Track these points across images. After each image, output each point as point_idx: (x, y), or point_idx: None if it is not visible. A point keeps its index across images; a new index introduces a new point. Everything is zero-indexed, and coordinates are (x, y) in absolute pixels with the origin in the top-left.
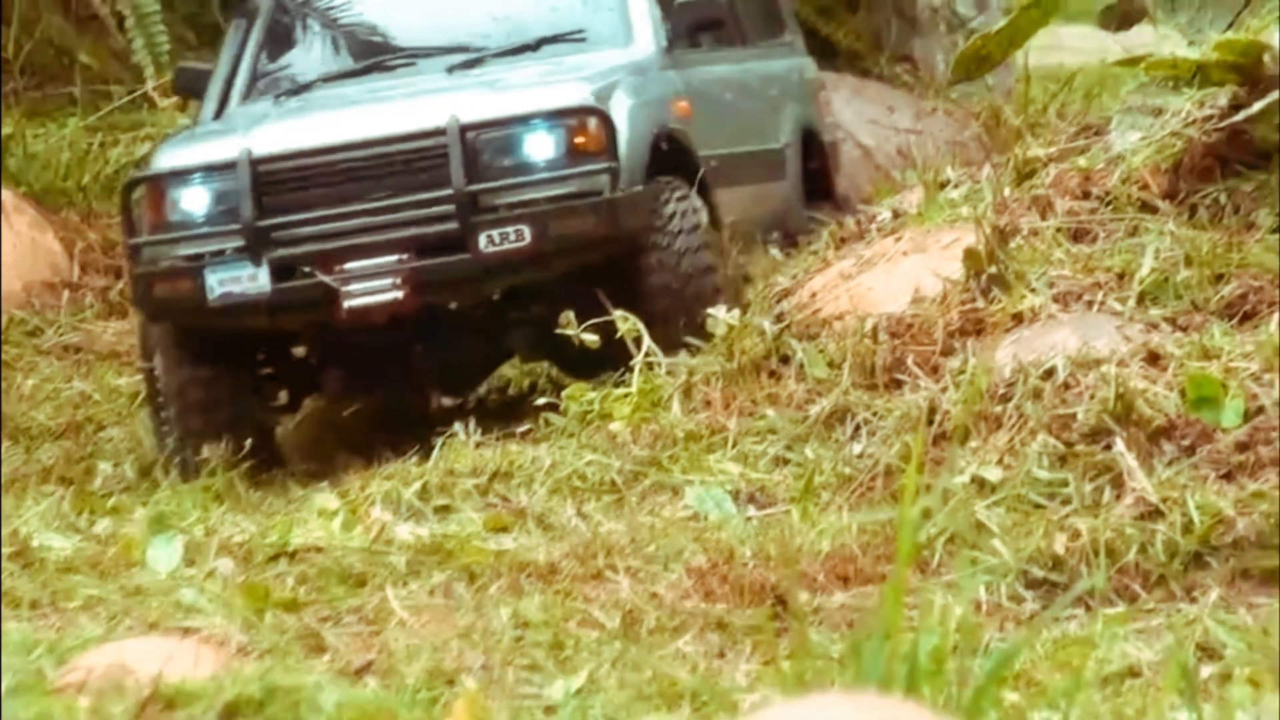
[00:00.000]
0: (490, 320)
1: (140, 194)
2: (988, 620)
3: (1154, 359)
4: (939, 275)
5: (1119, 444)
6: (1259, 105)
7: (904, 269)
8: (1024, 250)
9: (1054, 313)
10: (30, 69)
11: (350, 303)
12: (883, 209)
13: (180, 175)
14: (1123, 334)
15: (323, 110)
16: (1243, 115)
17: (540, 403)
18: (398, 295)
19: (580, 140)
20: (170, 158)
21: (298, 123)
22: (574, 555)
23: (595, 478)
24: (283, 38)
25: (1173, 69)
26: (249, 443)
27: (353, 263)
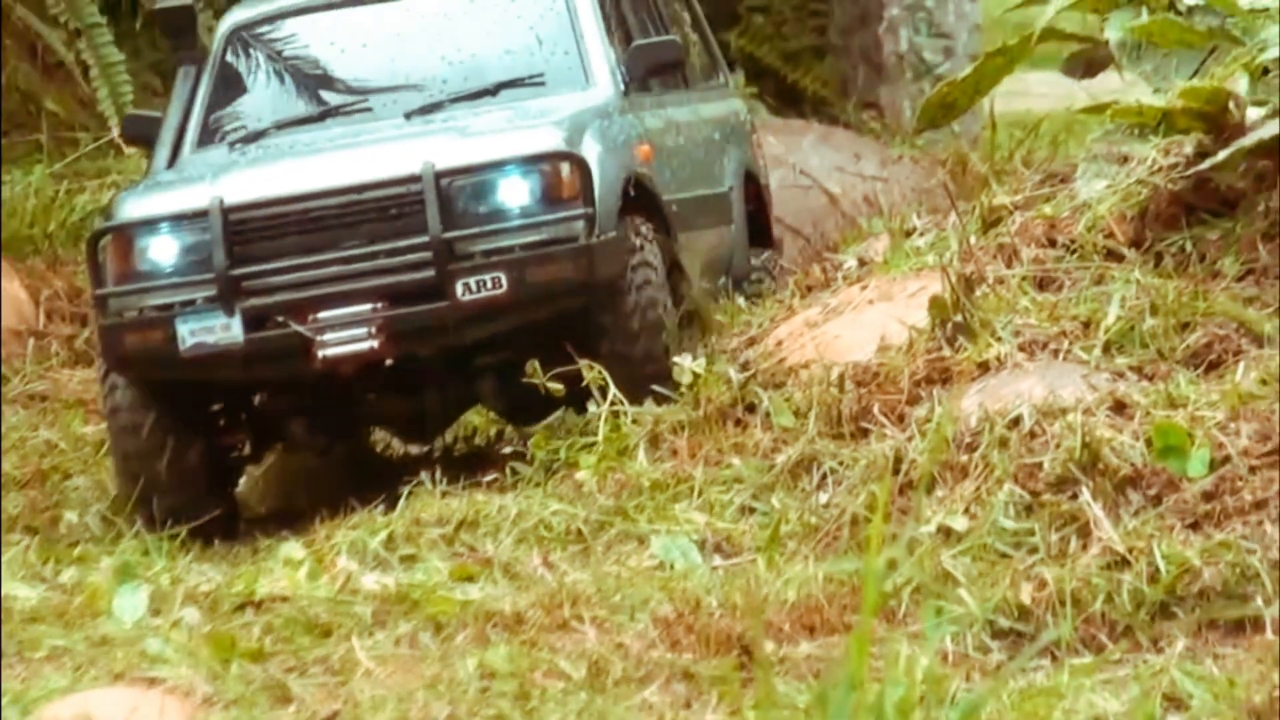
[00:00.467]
0: (456, 367)
1: (106, 244)
2: (954, 670)
3: (1120, 408)
4: (905, 324)
5: (1085, 493)
6: (1224, 153)
7: (870, 317)
8: (990, 298)
9: (1020, 361)
10: None
11: (325, 352)
12: (849, 257)
13: (148, 224)
14: (1089, 383)
15: (290, 157)
16: (1208, 163)
17: (506, 451)
18: (373, 344)
19: (556, 186)
20: (136, 207)
21: (267, 170)
22: (540, 605)
23: (561, 527)
24: (234, 83)
25: (1138, 116)
26: (208, 494)
27: (327, 312)
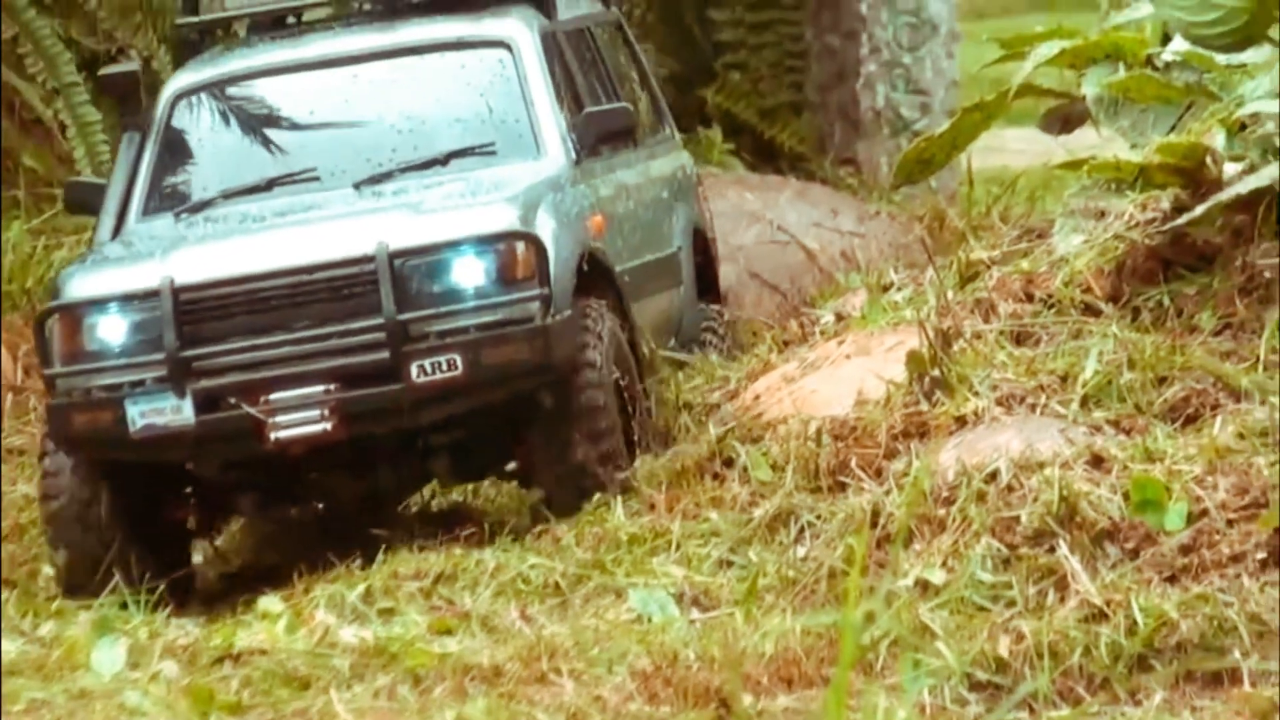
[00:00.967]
0: (410, 445)
1: (54, 322)
2: None
3: (1098, 462)
4: (882, 378)
5: (1063, 547)
6: (1201, 208)
7: (847, 372)
8: (967, 353)
9: (997, 415)
10: None
11: (277, 434)
12: (826, 312)
13: (97, 303)
14: (1066, 437)
15: (240, 233)
16: (1185, 218)
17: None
18: (326, 426)
19: (512, 266)
20: (84, 284)
21: (217, 247)
22: (518, 658)
23: (539, 580)
24: (178, 150)
25: (1116, 171)
26: (156, 565)
27: (279, 393)
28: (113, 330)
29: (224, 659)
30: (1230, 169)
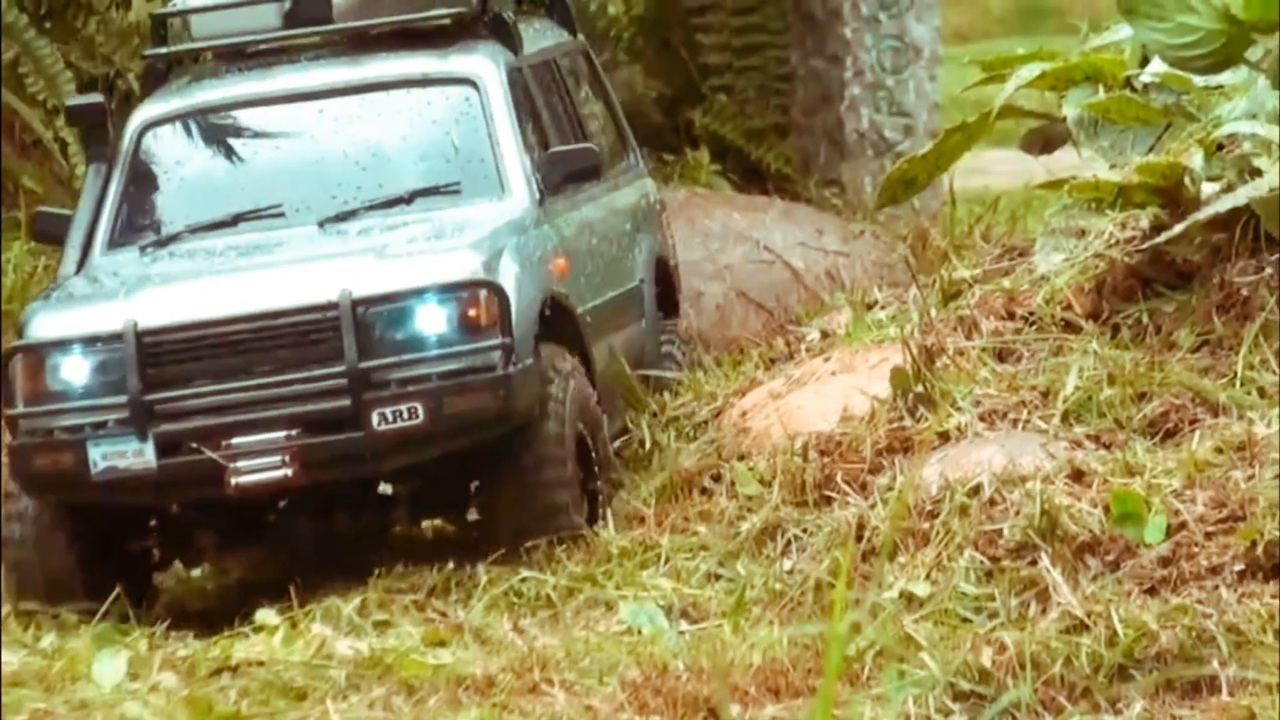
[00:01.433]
0: (368, 490)
1: (18, 362)
2: None
3: (1078, 476)
4: (867, 394)
5: (1044, 559)
6: (1180, 227)
7: (833, 388)
8: (950, 370)
9: (980, 431)
10: None
11: (238, 479)
12: (812, 329)
13: (61, 345)
14: (1048, 451)
15: (205, 274)
16: (1164, 237)
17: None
18: (287, 473)
19: (474, 315)
20: (48, 324)
21: (182, 289)
22: (511, 669)
23: (531, 593)
24: (144, 182)
25: (1096, 191)
26: (114, 595)
27: (241, 438)
28: (76, 371)
29: (222, 670)
30: (1208, 188)
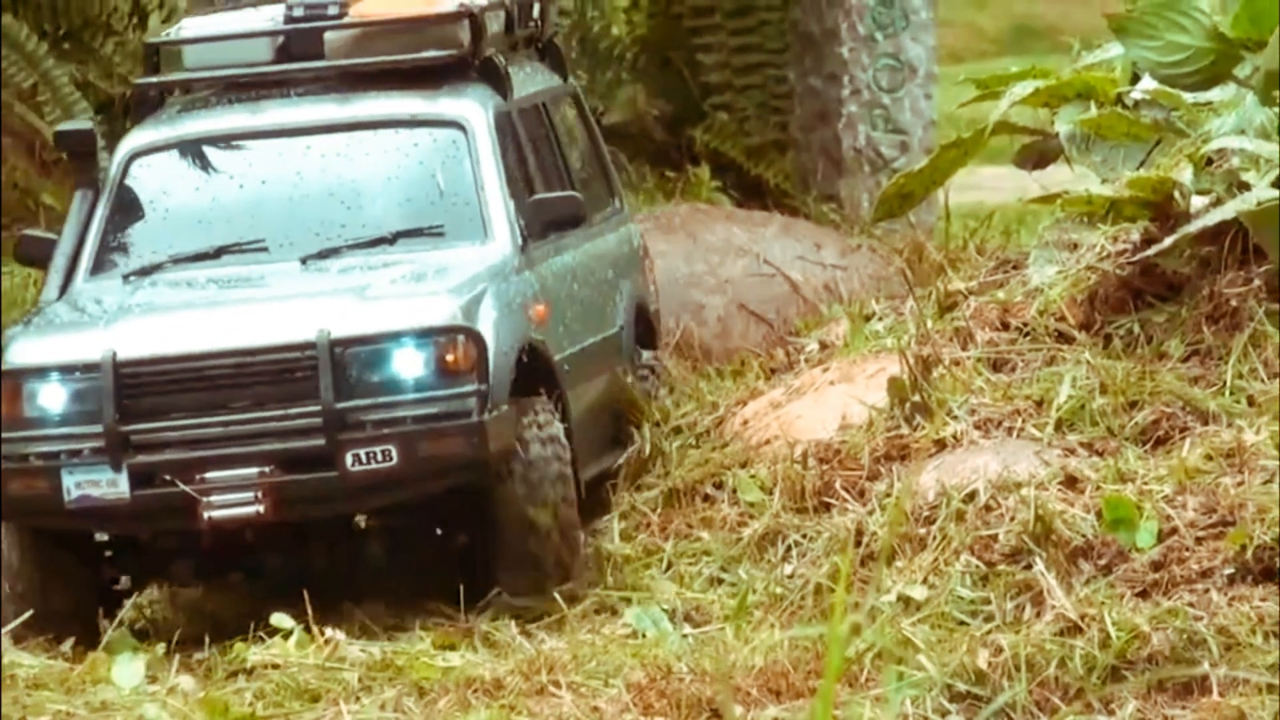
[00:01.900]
0: (345, 532)
1: None
2: None
3: (1072, 482)
4: (865, 403)
5: (1039, 564)
6: (1170, 240)
7: (831, 398)
8: (946, 379)
9: (975, 439)
10: None
11: (211, 513)
12: (810, 341)
13: (39, 371)
14: (1041, 459)
15: (185, 307)
16: (1154, 250)
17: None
18: (259, 509)
19: (451, 360)
20: (27, 350)
21: (161, 321)
22: (518, 671)
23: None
24: (129, 211)
25: (1088, 205)
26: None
27: (215, 472)
28: (53, 399)
29: (238, 673)
30: (1197, 202)
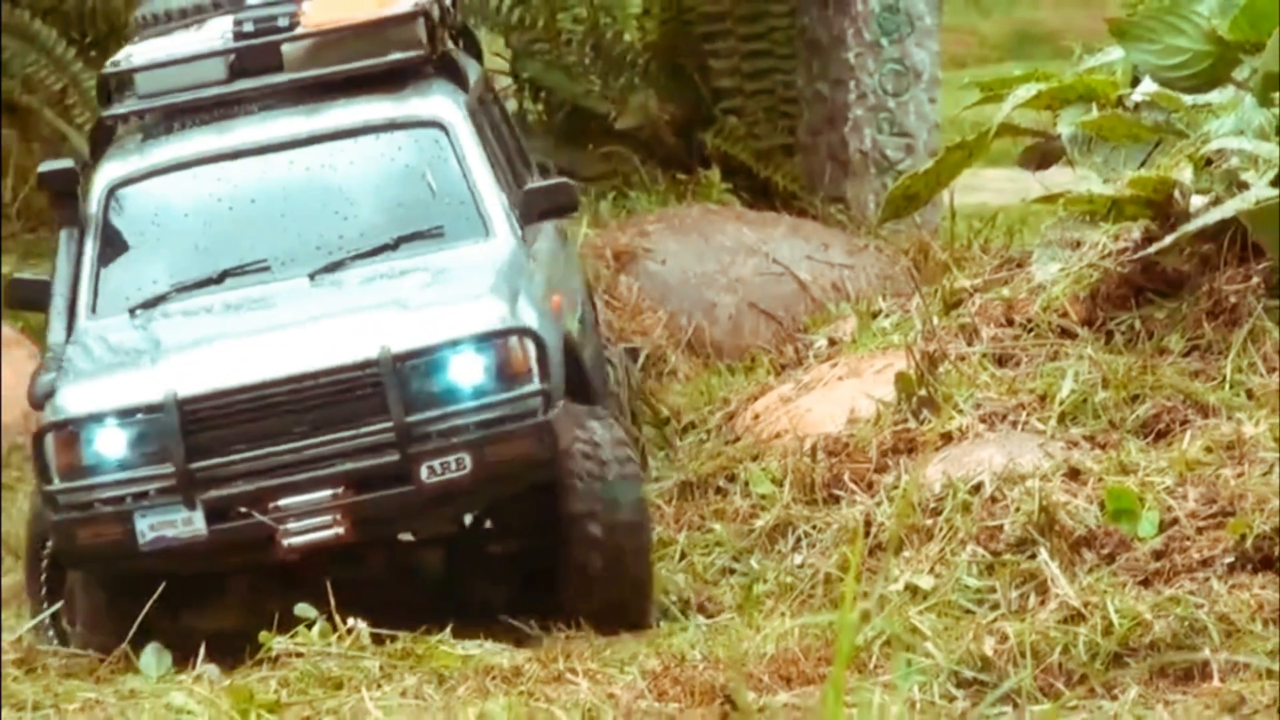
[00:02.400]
0: (404, 548)
1: (52, 439)
2: (921, 718)
3: (1075, 474)
4: (873, 398)
5: (1043, 553)
6: (1170, 238)
7: (840, 392)
8: (952, 374)
9: (980, 432)
10: (25, 214)
11: (290, 540)
12: (819, 337)
13: (95, 419)
14: (1045, 451)
15: (229, 338)
16: (1155, 248)
17: None
18: (338, 531)
19: (513, 362)
20: (78, 398)
21: (210, 354)
22: (536, 659)
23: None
24: (120, 245)
25: (1090, 205)
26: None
27: (288, 499)
28: (112, 444)
29: (262, 661)
30: (1197, 201)
